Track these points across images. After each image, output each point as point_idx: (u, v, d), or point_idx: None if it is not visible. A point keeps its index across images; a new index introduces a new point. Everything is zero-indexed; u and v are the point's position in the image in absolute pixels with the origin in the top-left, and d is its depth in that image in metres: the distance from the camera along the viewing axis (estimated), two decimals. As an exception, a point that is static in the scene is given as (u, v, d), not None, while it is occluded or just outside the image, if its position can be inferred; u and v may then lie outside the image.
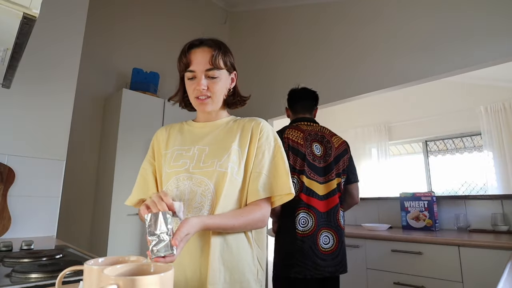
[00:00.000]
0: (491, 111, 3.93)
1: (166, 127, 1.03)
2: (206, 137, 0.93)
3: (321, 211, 1.46)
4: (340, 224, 1.49)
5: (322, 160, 1.54)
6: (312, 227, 1.42)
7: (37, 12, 0.80)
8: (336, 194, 1.51)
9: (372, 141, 4.91)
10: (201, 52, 0.89)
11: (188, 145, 0.92)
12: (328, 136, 1.62)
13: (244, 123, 0.94)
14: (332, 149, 1.58)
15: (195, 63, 0.88)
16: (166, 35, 3.23)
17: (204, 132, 0.95)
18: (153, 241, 0.63)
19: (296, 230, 1.41)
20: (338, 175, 1.55)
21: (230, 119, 0.99)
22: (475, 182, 4.19)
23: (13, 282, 0.71)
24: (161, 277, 0.40)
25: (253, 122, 0.94)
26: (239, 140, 0.90)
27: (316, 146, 1.55)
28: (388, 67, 2.49)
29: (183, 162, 0.88)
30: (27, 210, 1.54)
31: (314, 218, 1.43)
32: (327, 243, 1.43)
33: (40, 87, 1.68)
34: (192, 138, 0.94)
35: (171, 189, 0.86)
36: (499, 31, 1.98)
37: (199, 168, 0.85)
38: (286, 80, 3.26)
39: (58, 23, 1.78)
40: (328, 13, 3.03)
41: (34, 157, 1.61)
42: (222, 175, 0.84)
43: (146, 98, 2.58)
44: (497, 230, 1.95)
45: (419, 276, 1.78)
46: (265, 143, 0.91)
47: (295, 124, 1.63)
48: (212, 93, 0.89)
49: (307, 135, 1.56)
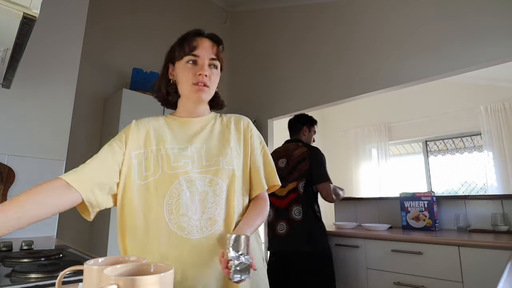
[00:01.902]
0: (491, 111, 3.93)
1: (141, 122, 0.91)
2: (199, 135, 0.90)
3: (280, 207, 1.99)
4: (292, 216, 1.93)
5: (286, 169, 2.04)
6: (272, 218, 2.03)
7: (37, 12, 0.80)
8: (291, 194, 1.98)
9: (372, 141, 4.91)
10: (207, 42, 0.90)
11: (183, 144, 0.87)
12: (291, 150, 2.09)
13: (232, 120, 0.96)
14: (292, 160, 2.05)
15: (201, 49, 0.87)
16: (166, 35, 3.21)
17: (195, 129, 0.91)
18: (235, 260, 0.66)
19: (267, 220, 2.05)
20: (295, 179, 1.99)
21: (214, 115, 0.97)
22: (475, 182, 4.19)
23: (13, 282, 0.71)
24: (161, 277, 0.40)
25: (242, 120, 0.97)
26: (235, 137, 0.92)
27: (282, 160, 2.09)
28: (388, 67, 2.49)
29: (185, 163, 0.84)
30: (27, 210, 1.54)
31: (273, 212, 2.02)
32: (282, 230, 1.95)
33: (40, 87, 1.68)
34: (185, 136, 0.89)
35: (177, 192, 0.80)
36: (499, 31, 1.98)
37: (205, 167, 0.84)
38: (286, 80, 3.27)
39: (58, 23, 1.78)
40: (328, 13, 3.03)
41: (34, 157, 1.61)
42: (231, 172, 0.85)
43: (146, 98, 2.58)
44: (497, 230, 1.95)
45: (419, 276, 1.78)
46: (256, 141, 0.96)
47: (277, 148, 2.23)
48: (210, 82, 0.88)
49: (276, 154, 2.14)
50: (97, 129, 2.66)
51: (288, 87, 3.23)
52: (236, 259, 0.66)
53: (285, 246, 1.94)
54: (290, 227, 1.94)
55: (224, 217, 0.82)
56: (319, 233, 1.95)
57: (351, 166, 4.90)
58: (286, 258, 1.95)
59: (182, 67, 0.88)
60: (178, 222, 0.78)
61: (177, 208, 0.79)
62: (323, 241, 1.95)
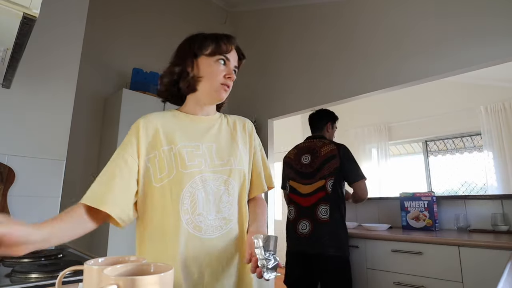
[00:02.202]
0: (491, 111, 3.93)
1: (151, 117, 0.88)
2: (208, 134, 0.90)
3: (303, 205, 1.91)
4: (317, 216, 1.84)
5: (311, 166, 1.96)
6: (294, 216, 1.95)
7: (37, 12, 0.80)
8: (318, 193, 1.88)
9: (372, 141, 4.91)
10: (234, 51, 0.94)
11: (194, 141, 0.87)
12: (318, 148, 1.99)
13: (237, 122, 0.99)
14: (318, 157, 1.95)
15: (232, 54, 0.91)
16: (166, 35, 3.22)
17: (204, 127, 0.92)
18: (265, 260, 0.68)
19: (288, 218, 2.01)
20: (323, 177, 1.89)
21: (220, 115, 1.00)
22: (475, 182, 4.19)
23: (13, 282, 0.71)
24: (161, 277, 0.40)
25: (246, 122, 1.01)
26: (241, 139, 0.96)
27: (305, 157, 2.00)
28: (388, 67, 2.49)
29: (198, 162, 0.84)
30: (27, 210, 1.54)
31: (296, 211, 1.94)
32: (304, 229, 1.87)
33: (40, 87, 1.68)
34: (194, 133, 0.89)
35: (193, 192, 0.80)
36: (499, 31, 1.98)
37: (217, 166, 0.86)
38: (286, 80, 3.26)
39: (58, 23, 1.78)
40: (327, 13, 3.03)
41: (34, 157, 1.60)
42: (242, 173, 0.89)
43: (146, 98, 2.58)
44: (497, 230, 1.95)
45: (419, 276, 1.78)
46: (257, 144, 1.01)
47: (299, 143, 2.14)
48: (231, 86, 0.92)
49: (299, 150, 2.07)
50: (97, 129, 2.66)
51: (288, 87, 3.23)
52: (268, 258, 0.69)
53: (306, 247, 1.85)
54: (314, 227, 1.84)
55: (238, 216, 0.86)
56: (344, 236, 1.87)
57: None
58: (305, 260, 1.86)
59: (212, 64, 0.88)
60: (194, 222, 0.79)
61: (193, 208, 0.80)
62: (346, 245, 1.88)
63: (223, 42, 0.89)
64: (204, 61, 0.88)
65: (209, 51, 0.88)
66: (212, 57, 0.88)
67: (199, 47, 0.89)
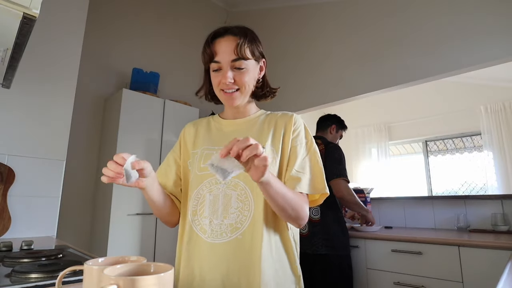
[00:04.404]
0: (491, 111, 3.93)
1: (194, 123, 0.97)
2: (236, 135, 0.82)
3: None
4: (311, 217, 1.87)
5: None
6: None
7: (37, 12, 0.80)
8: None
9: (372, 141, 4.91)
10: (226, 41, 0.81)
11: (218, 145, 0.85)
12: None
13: (276, 119, 0.88)
14: None
15: (220, 54, 0.81)
16: (166, 35, 3.22)
17: (233, 130, 0.88)
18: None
19: None
20: None
21: (261, 114, 0.92)
22: (475, 182, 4.19)
23: (13, 282, 0.71)
24: (161, 277, 0.40)
25: (285, 117, 0.88)
26: (272, 138, 0.84)
27: None
28: (388, 67, 2.49)
29: None
30: (27, 210, 1.54)
31: None
32: (304, 230, 1.89)
33: (40, 87, 1.68)
34: (221, 136, 0.88)
35: (202, 194, 0.81)
36: (499, 31, 1.98)
37: None
38: (286, 80, 3.26)
39: (58, 23, 1.78)
40: (327, 13, 3.03)
41: (34, 157, 1.61)
42: None
43: (146, 98, 2.58)
44: (497, 230, 1.95)
45: (419, 276, 1.78)
46: (297, 139, 0.85)
47: None
48: (240, 85, 0.82)
49: None
50: (97, 129, 2.66)
51: (288, 87, 3.23)
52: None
53: (305, 247, 1.87)
54: (309, 227, 1.89)
55: (248, 225, 0.76)
56: (338, 235, 1.88)
57: (352, 166, 4.91)
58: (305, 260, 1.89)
59: (211, 74, 0.85)
60: (200, 224, 0.80)
61: (201, 211, 0.80)
62: (343, 244, 1.89)
63: (205, 50, 0.83)
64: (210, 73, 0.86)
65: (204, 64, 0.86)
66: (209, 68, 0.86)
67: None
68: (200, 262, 0.77)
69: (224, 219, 0.77)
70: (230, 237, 0.76)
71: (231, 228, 0.76)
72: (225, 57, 0.80)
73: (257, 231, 0.76)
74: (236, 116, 0.91)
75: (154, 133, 2.59)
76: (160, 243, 2.44)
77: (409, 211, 2.42)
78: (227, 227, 0.77)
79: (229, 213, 0.77)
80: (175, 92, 3.07)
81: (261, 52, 0.87)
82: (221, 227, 0.77)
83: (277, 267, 0.78)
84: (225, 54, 0.80)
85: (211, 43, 0.82)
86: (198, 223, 0.80)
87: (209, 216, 0.79)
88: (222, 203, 0.79)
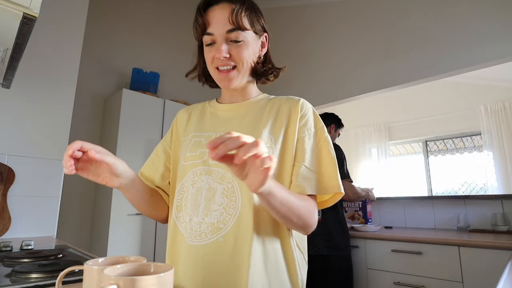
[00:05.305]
0: (491, 111, 3.93)
1: (188, 108, 0.86)
2: (232, 121, 0.75)
3: None
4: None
5: None
6: None
7: (37, 12, 0.80)
8: None
9: (372, 141, 4.91)
10: (220, 9, 0.69)
11: (208, 131, 0.74)
12: None
13: (280, 104, 0.75)
14: None
15: (213, 24, 0.69)
16: (166, 35, 3.22)
17: (230, 115, 0.77)
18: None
19: None
20: None
21: (263, 97, 0.79)
22: (475, 182, 4.19)
23: (13, 282, 0.71)
24: (161, 277, 0.40)
25: (290, 102, 0.75)
26: (272, 125, 0.71)
27: None
28: (388, 67, 2.49)
29: (201, 152, 0.70)
30: (27, 210, 1.54)
31: None
32: None
33: (40, 87, 1.68)
34: (215, 122, 0.77)
35: (187, 186, 0.70)
36: (499, 31, 1.98)
37: None
38: (285, 80, 3.26)
39: (58, 23, 1.78)
40: (327, 13, 3.03)
41: (34, 157, 1.61)
42: None
43: (146, 98, 2.58)
44: (497, 230, 1.95)
45: (419, 276, 1.78)
46: (305, 128, 0.72)
47: None
48: (237, 61, 0.70)
49: None
50: (97, 129, 2.66)
51: (288, 87, 3.23)
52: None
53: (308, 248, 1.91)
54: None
55: (232, 226, 0.64)
56: (339, 236, 1.89)
57: (352, 166, 4.90)
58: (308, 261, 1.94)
59: (204, 49, 0.73)
60: (184, 221, 0.69)
61: (185, 206, 0.70)
62: (344, 245, 1.89)
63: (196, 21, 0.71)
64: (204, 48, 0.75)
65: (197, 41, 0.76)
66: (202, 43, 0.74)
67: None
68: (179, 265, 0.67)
69: (205, 217, 0.65)
70: (210, 239, 0.64)
71: (212, 228, 0.64)
72: (219, 28, 0.68)
73: (243, 234, 0.63)
74: (233, 99, 0.79)
75: (154, 133, 2.59)
76: (160, 243, 2.44)
77: (409, 211, 2.42)
78: (207, 227, 0.64)
79: (212, 210, 0.65)
80: (175, 92, 3.07)
81: (262, 26, 0.75)
82: (201, 226, 0.65)
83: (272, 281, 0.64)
84: (219, 24, 0.68)
85: (203, 12, 0.71)
86: (183, 221, 0.69)
87: (190, 212, 0.68)
88: (205, 197, 0.66)
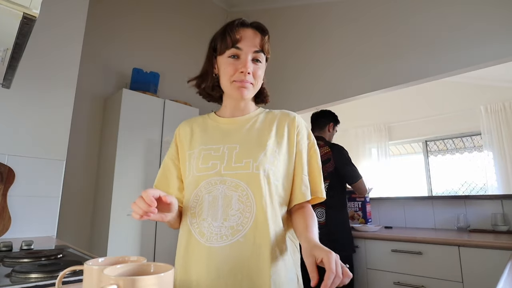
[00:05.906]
0: (491, 111, 3.93)
1: (188, 121, 0.93)
2: (236, 134, 0.83)
3: None
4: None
5: None
6: None
7: (37, 12, 0.80)
8: None
9: (372, 141, 4.91)
10: (253, 32, 0.82)
11: (216, 144, 0.82)
12: None
13: (277, 118, 0.87)
14: None
15: (244, 41, 0.79)
16: (166, 35, 3.22)
17: (232, 128, 0.85)
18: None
19: None
20: None
21: (260, 112, 0.90)
22: (475, 182, 4.19)
23: (13, 282, 0.71)
24: (161, 277, 0.40)
25: (287, 117, 0.87)
26: (275, 137, 0.82)
27: None
28: (388, 67, 2.49)
29: (213, 164, 0.78)
30: (27, 210, 1.54)
31: None
32: None
33: (40, 87, 1.68)
34: (219, 135, 0.84)
35: (201, 195, 0.78)
36: (499, 31, 1.98)
37: (232, 169, 0.77)
38: (285, 80, 3.26)
39: (58, 23, 1.78)
40: (327, 13, 3.03)
41: (34, 157, 1.61)
42: (260, 177, 0.75)
43: (146, 98, 2.58)
44: (497, 230, 1.95)
45: (419, 276, 1.78)
46: (301, 142, 0.85)
47: None
48: (255, 79, 0.81)
49: None
50: (97, 129, 2.66)
51: (287, 88, 3.23)
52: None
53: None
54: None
55: (250, 227, 0.73)
56: (343, 237, 1.90)
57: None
58: None
59: (224, 61, 0.81)
60: (199, 227, 0.76)
61: (200, 213, 0.77)
62: (346, 246, 1.90)
63: (228, 33, 0.80)
64: (220, 60, 0.83)
65: (219, 49, 0.83)
66: (223, 54, 0.82)
67: (214, 47, 0.86)
68: (197, 267, 0.74)
69: (224, 221, 0.74)
70: (232, 240, 0.72)
71: (232, 230, 0.73)
72: (249, 46, 0.80)
73: (261, 233, 0.73)
74: (234, 113, 0.87)
75: (154, 133, 2.59)
76: (160, 243, 2.44)
77: (409, 211, 2.42)
78: (227, 230, 0.73)
79: (230, 215, 0.74)
80: (175, 92, 3.07)
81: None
82: (221, 229, 0.73)
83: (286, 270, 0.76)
84: (249, 43, 0.80)
85: (237, 28, 0.81)
86: (197, 226, 0.77)
87: (208, 218, 0.75)
88: (222, 204, 0.75)
